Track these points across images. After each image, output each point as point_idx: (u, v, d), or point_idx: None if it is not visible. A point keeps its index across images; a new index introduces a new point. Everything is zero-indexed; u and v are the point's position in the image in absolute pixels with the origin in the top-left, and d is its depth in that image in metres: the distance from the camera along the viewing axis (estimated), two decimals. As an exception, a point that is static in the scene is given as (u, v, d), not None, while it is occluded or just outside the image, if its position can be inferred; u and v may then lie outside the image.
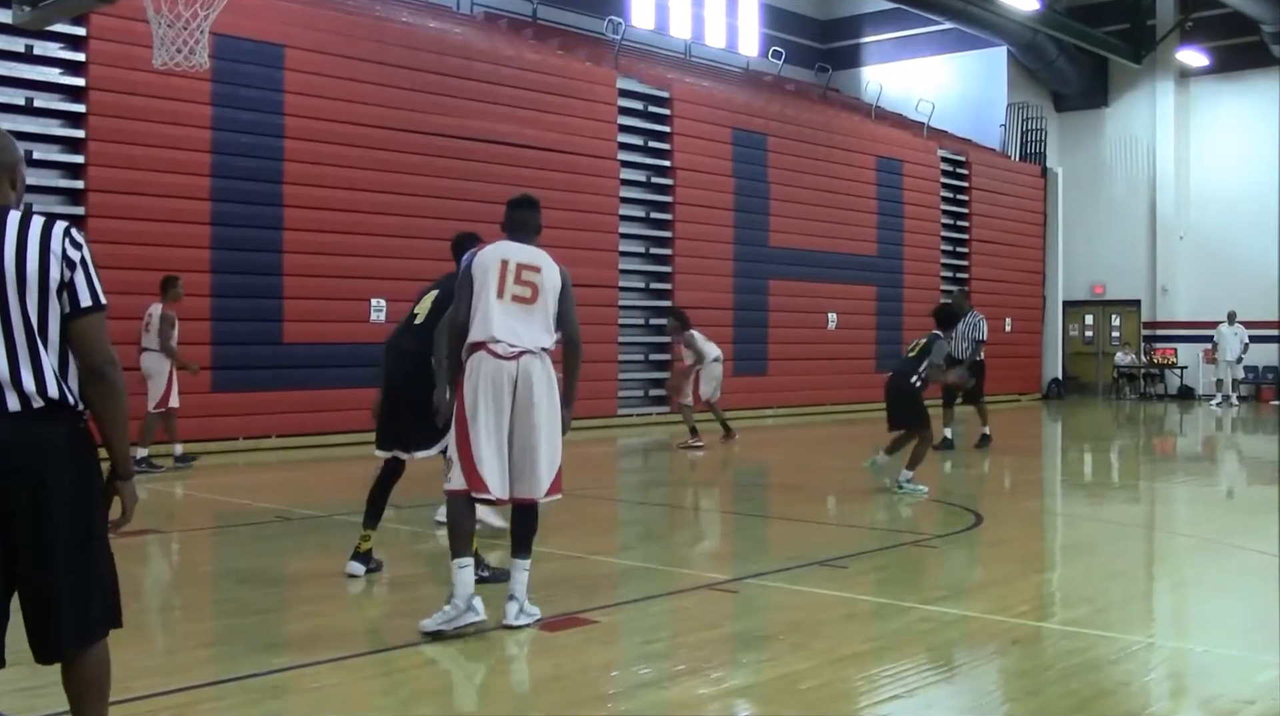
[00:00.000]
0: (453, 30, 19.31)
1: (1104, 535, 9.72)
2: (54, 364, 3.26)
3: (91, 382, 3.32)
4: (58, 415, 3.25)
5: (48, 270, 3.26)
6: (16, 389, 3.19)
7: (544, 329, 5.83)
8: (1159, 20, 28.11)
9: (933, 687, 5.20)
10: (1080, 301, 30.42)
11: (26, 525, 3.22)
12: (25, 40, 13.37)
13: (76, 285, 3.31)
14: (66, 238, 3.34)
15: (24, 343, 3.22)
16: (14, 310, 3.23)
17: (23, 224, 3.32)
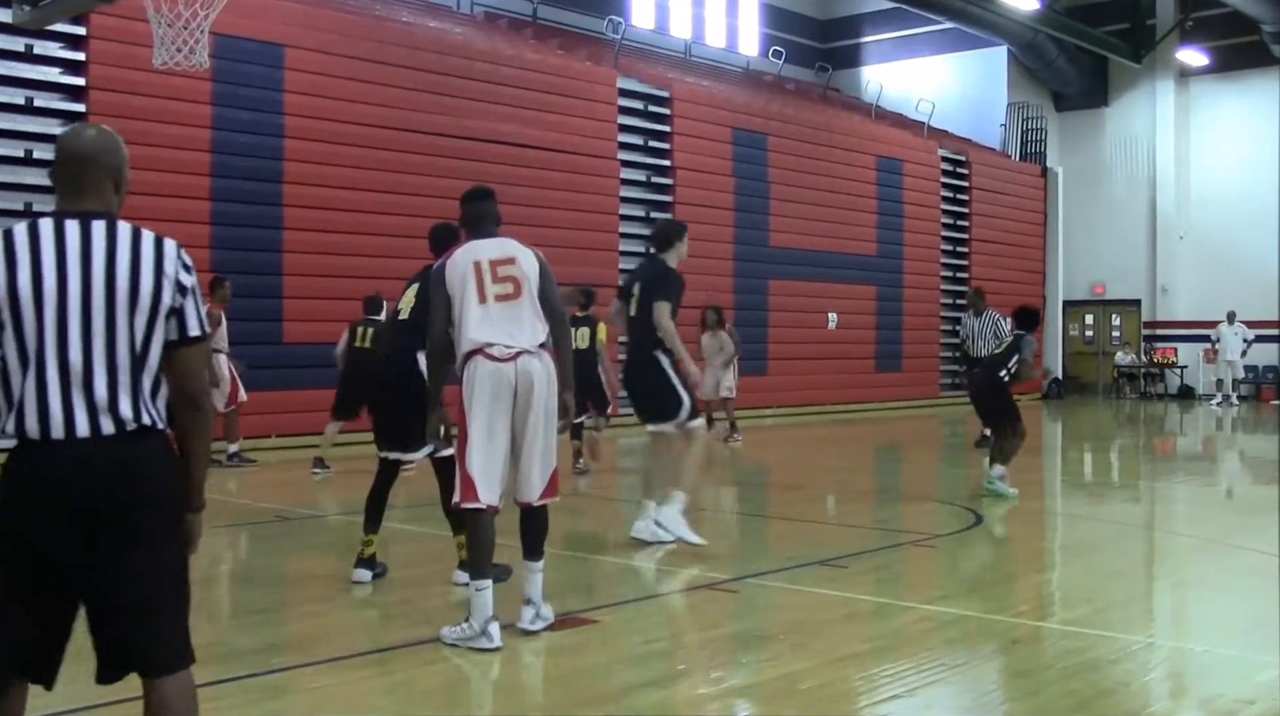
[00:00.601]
0: (453, 30, 19.31)
1: (1104, 535, 9.72)
2: (149, 388, 3.11)
3: (186, 410, 3.20)
4: (150, 437, 3.09)
5: (160, 293, 3.09)
6: (113, 413, 3.02)
7: (534, 322, 5.64)
8: (1159, 20, 28.11)
9: (932, 687, 5.20)
10: (1080, 301, 30.42)
11: (120, 544, 3.02)
12: (25, 39, 13.36)
13: (186, 313, 3.16)
14: (180, 260, 3.16)
15: (126, 366, 3.05)
16: (121, 331, 3.05)
17: (135, 239, 3.11)
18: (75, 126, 3.22)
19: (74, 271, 3.01)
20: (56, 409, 2.97)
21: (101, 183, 3.16)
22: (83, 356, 2.99)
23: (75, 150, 3.16)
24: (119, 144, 3.23)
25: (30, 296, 2.98)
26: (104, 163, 3.17)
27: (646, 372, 8.05)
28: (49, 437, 2.97)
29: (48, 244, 3.03)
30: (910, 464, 15.56)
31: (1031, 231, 29.24)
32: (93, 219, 3.09)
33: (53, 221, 3.07)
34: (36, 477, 2.97)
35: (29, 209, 13.56)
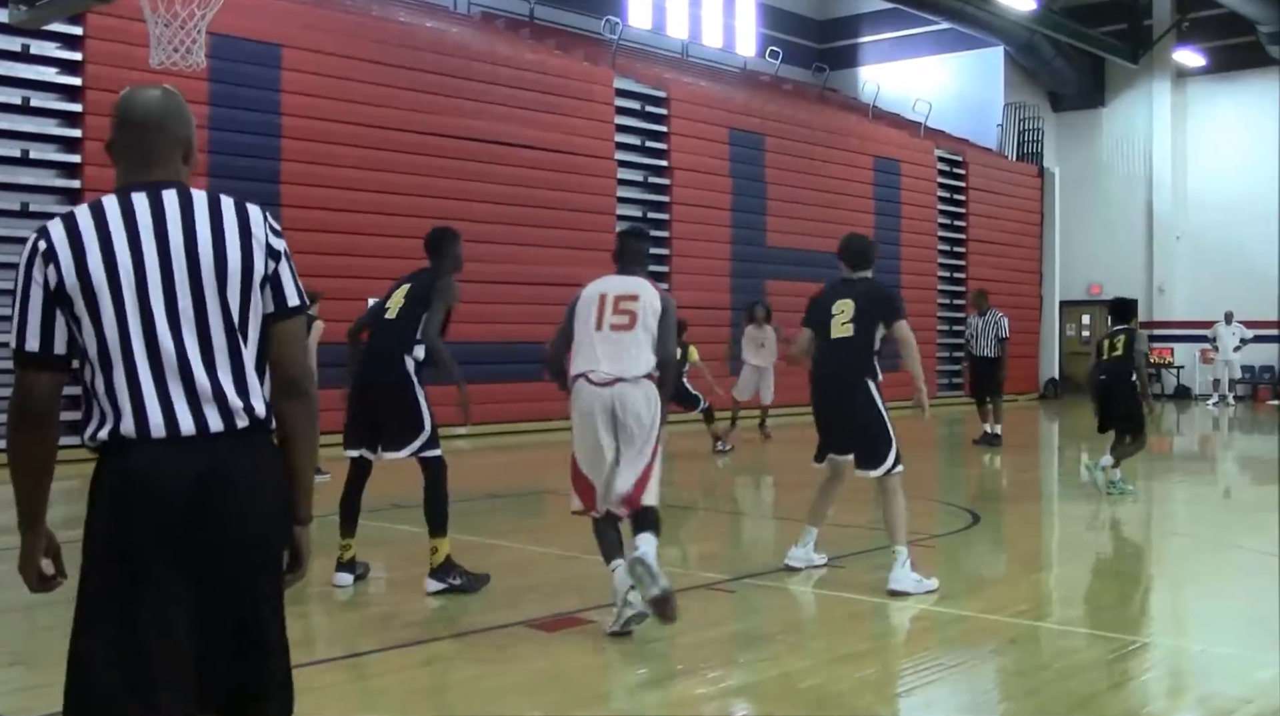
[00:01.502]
0: (450, 30, 19.31)
1: (1101, 534, 9.73)
2: (253, 371, 2.68)
3: (288, 398, 2.73)
4: (260, 437, 2.67)
5: (251, 260, 2.68)
6: (219, 403, 2.59)
7: (641, 354, 5.93)
8: (1156, 20, 28.15)
9: (930, 687, 5.21)
10: (1077, 301, 30.43)
11: (224, 569, 2.60)
12: (22, 39, 13.36)
13: (282, 279, 2.74)
14: (266, 223, 2.76)
15: (224, 347, 2.63)
16: (212, 307, 2.63)
17: (213, 204, 2.71)
18: (135, 87, 2.81)
19: (149, 247, 2.62)
20: (153, 404, 2.56)
21: (170, 152, 2.76)
22: (174, 341, 2.59)
23: (139, 115, 2.75)
24: (185, 107, 2.84)
25: (104, 281, 2.59)
26: (172, 130, 2.77)
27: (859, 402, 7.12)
28: (148, 438, 2.56)
29: (115, 221, 2.63)
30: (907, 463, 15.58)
31: (1028, 231, 29.25)
32: (162, 188, 2.70)
33: (117, 196, 2.68)
34: (136, 484, 2.56)
35: (25, 209, 13.56)
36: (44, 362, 2.61)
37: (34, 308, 2.61)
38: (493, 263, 17.20)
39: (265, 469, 2.66)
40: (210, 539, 2.56)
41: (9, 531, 7.48)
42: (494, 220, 17.37)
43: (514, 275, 17.37)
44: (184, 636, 2.56)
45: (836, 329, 7.07)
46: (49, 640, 5.93)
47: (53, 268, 2.60)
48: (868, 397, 7.00)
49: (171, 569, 2.54)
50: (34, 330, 2.60)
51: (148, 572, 2.54)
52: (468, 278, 18.84)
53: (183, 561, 2.55)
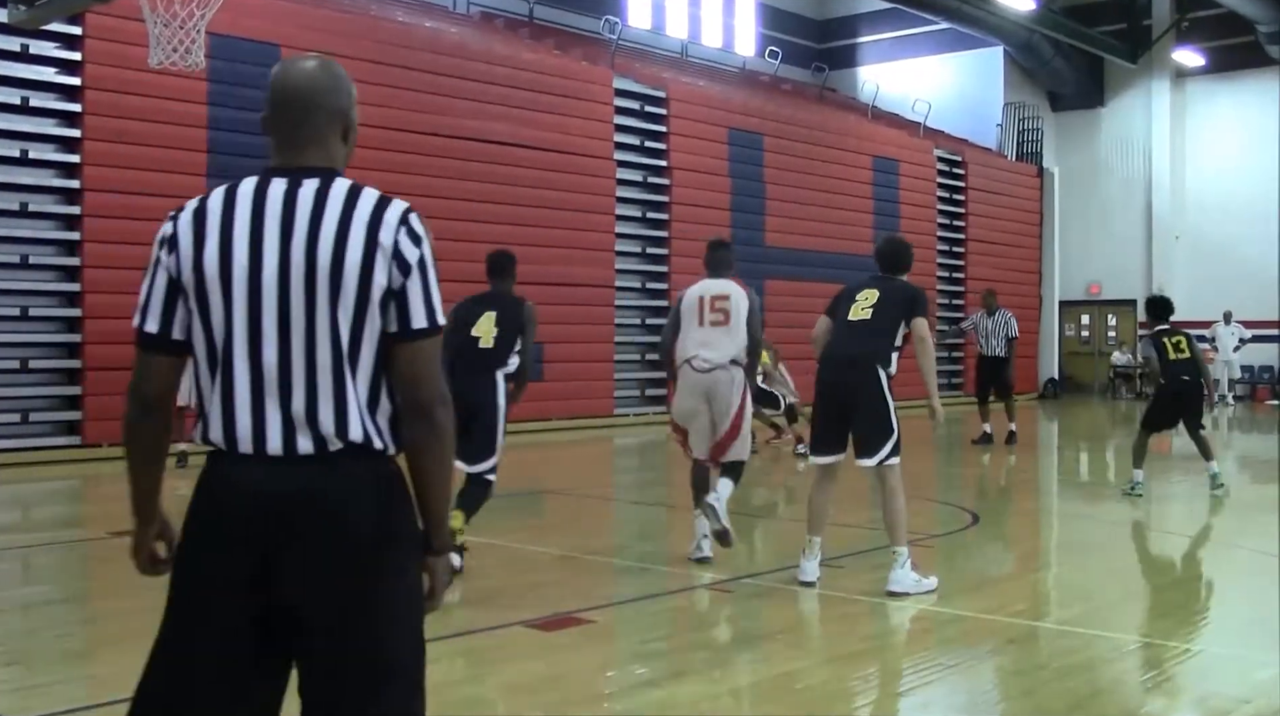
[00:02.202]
0: (449, 30, 19.30)
1: (1100, 534, 9.73)
2: (362, 396, 2.42)
3: (415, 424, 2.45)
4: (360, 458, 2.41)
5: (371, 270, 2.38)
6: (311, 425, 2.37)
7: (733, 343, 7.50)
8: (1155, 20, 28.16)
9: (929, 687, 5.21)
10: (1076, 301, 30.44)
11: (321, 596, 2.36)
12: (21, 39, 13.35)
13: (409, 296, 2.42)
14: (403, 226, 2.43)
15: (329, 366, 2.38)
16: (322, 320, 2.38)
17: (349, 200, 2.43)
18: (290, 59, 2.60)
19: (271, 245, 2.40)
20: (245, 418, 2.39)
21: (325, 131, 2.53)
22: (278, 354, 2.38)
23: (292, 91, 2.55)
24: (345, 79, 2.58)
25: (217, 277, 2.40)
26: (329, 105, 2.53)
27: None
28: (236, 452, 2.40)
29: (244, 209, 2.43)
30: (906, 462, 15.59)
31: (1028, 231, 29.26)
32: (305, 177, 2.47)
33: (256, 180, 2.49)
34: (218, 499, 2.41)
35: (24, 209, 13.56)
36: (162, 346, 2.48)
37: (157, 290, 2.48)
38: (492, 262, 17.20)
39: (362, 492, 2.39)
40: (295, 561, 2.35)
41: (4, 531, 7.50)
42: (493, 220, 17.35)
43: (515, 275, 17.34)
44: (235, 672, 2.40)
45: (856, 313, 7.00)
46: (46, 640, 5.94)
47: (174, 257, 2.46)
48: (877, 382, 6.83)
49: (242, 596, 2.37)
50: (155, 312, 2.48)
51: (214, 590, 2.40)
52: (467, 278, 18.86)
53: (261, 582, 2.36)
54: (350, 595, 2.36)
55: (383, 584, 2.40)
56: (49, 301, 13.79)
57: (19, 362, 13.32)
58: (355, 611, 2.36)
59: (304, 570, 2.35)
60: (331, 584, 2.36)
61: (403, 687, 2.43)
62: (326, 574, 2.36)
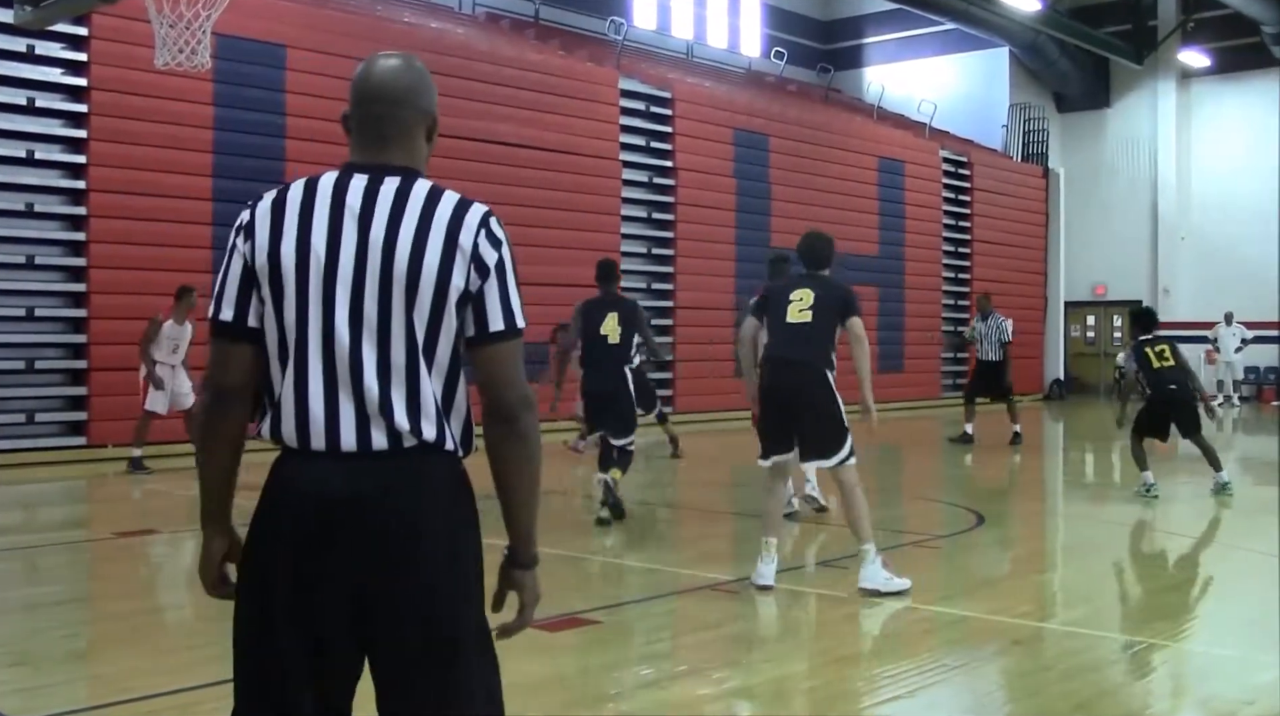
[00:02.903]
0: (454, 30, 19.32)
1: (1105, 535, 9.72)
2: (437, 394, 2.39)
3: (497, 427, 2.42)
4: (433, 457, 2.39)
5: (449, 273, 2.37)
6: (386, 421, 2.34)
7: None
8: (1160, 21, 28.12)
9: (933, 688, 5.20)
10: (1082, 302, 30.41)
11: (395, 596, 2.34)
12: (27, 40, 13.37)
13: (486, 299, 2.41)
14: (483, 229, 2.42)
15: (403, 364, 2.35)
16: (397, 321, 2.35)
17: (429, 201, 2.41)
18: (373, 56, 2.57)
19: (349, 241, 2.37)
20: (318, 413, 2.35)
21: (410, 129, 2.51)
22: (350, 349, 2.35)
23: (377, 88, 2.52)
24: (429, 78, 2.56)
25: (293, 268, 2.37)
26: (415, 104, 2.51)
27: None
28: (309, 448, 2.36)
29: (323, 202, 2.42)
30: (911, 464, 15.58)
31: (1033, 232, 29.24)
32: (387, 174, 2.45)
33: (337, 175, 2.48)
34: (291, 496, 2.37)
35: (30, 209, 13.58)
36: (238, 333, 2.42)
37: (233, 277, 2.43)
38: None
39: (438, 489, 2.38)
40: (365, 554, 2.32)
41: (6, 532, 7.52)
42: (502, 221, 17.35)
43: (520, 276, 17.34)
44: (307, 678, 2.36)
45: (794, 315, 7.00)
46: (52, 641, 5.95)
47: (250, 244, 2.41)
48: (825, 384, 6.89)
49: (320, 597, 2.33)
50: (230, 299, 2.42)
51: (297, 598, 2.34)
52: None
53: (335, 586, 2.33)
54: (420, 587, 2.34)
55: (450, 576, 2.38)
56: (54, 302, 13.81)
57: (25, 363, 13.34)
58: (424, 601, 2.34)
59: (378, 563, 2.32)
60: (404, 576, 2.33)
61: (472, 666, 2.41)
62: (399, 567, 2.32)
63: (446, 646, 2.36)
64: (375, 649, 2.37)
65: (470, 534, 2.44)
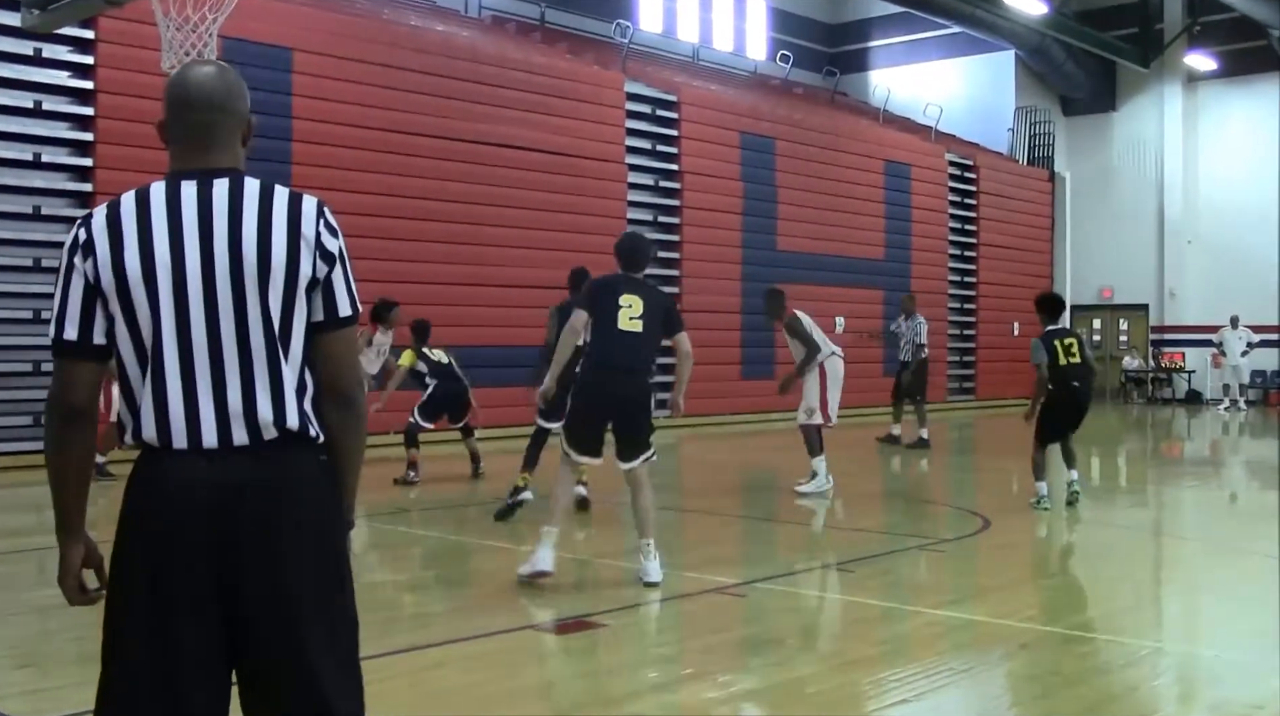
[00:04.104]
0: (460, 33, 19.33)
1: (1112, 539, 9.70)
2: (293, 383, 2.48)
3: (336, 409, 2.55)
4: (297, 446, 2.49)
5: (296, 261, 2.46)
6: (247, 416, 2.43)
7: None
8: (1167, 24, 28.09)
9: (940, 692, 5.19)
10: (1088, 305, 30.37)
11: (263, 583, 2.42)
12: (34, 43, 13.40)
13: (334, 285, 2.53)
14: (321, 219, 2.55)
15: (263, 357, 2.44)
16: (253, 313, 2.44)
17: (264, 197, 2.50)
18: (187, 65, 2.64)
19: (191, 243, 2.44)
20: (178, 412, 2.42)
21: (229, 134, 2.59)
22: (209, 347, 2.43)
23: (195, 95, 2.59)
24: (242, 83, 2.64)
25: (140, 277, 2.43)
26: (231, 109, 2.59)
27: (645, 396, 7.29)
28: (170, 447, 2.43)
29: (159, 212, 2.47)
30: (919, 468, 15.57)
31: (1039, 236, 29.21)
32: (214, 178, 2.52)
33: (165, 184, 2.53)
34: (156, 495, 2.43)
35: (37, 213, 13.60)
36: (83, 352, 2.47)
37: (73, 296, 2.47)
38: (503, 266, 17.21)
39: (299, 481, 2.47)
40: (231, 549, 2.40)
41: (15, 534, 7.52)
42: (504, 224, 17.37)
43: (524, 279, 17.37)
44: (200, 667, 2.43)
45: (625, 322, 7.00)
46: (60, 643, 5.96)
47: (90, 261, 2.45)
48: (649, 393, 7.23)
49: (194, 588, 2.40)
50: (73, 318, 2.47)
51: (167, 591, 2.41)
52: (480, 281, 18.83)
53: (208, 577, 2.40)
54: (285, 581, 2.42)
55: (326, 566, 2.50)
56: (61, 304, 13.83)
57: (31, 366, 13.36)
58: (287, 598, 2.43)
59: (250, 557, 2.40)
60: (268, 572, 2.41)
61: (340, 663, 2.51)
62: (264, 563, 2.41)
63: (298, 610, 2.44)
64: (238, 622, 2.42)
65: (336, 518, 2.56)
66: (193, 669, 2.42)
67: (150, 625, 2.41)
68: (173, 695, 2.41)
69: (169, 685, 2.41)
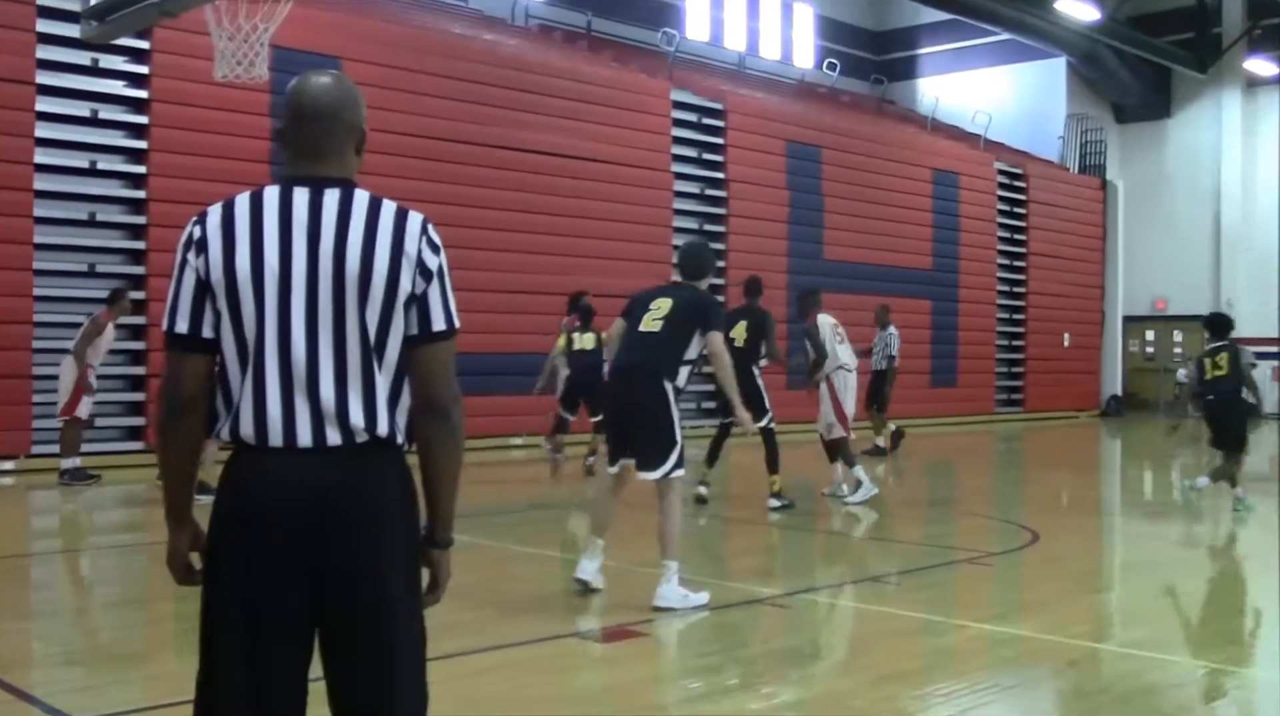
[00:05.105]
0: (507, 42, 19.42)
1: (1164, 555, 9.56)
2: (387, 392, 2.57)
3: (431, 422, 2.60)
4: (385, 452, 2.57)
5: (397, 277, 2.54)
6: (340, 421, 2.51)
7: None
8: (1225, 28, 27.68)
9: (985, 708, 5.13)
10: (1141, 316, 30.00)
11: (344, 578, 2.51)
12: (91, 54, 13.60)
13: (430, 301, 2.59)
14: (424, 236, 2.60)
15: (358, 365, 2.53)
16: (351, 323, 2.52)
17: (372, 211, 2.58)
18: (307, 75, 2.70)
19: (299, 251, 2.53)
20: (275, 413, 2.51)
21: (342, 143, 2.65)
22: (307, 352, 2.51)
23: (313, 105, 2.64)
24: (359, 95, 2.71)
25: (249, 278, 2.52)
26: (346, 119, 2.65)
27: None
28: (266, 445, 2.52)
29: (271, 216, 2.55)
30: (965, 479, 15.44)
31: (1091, 245, 28.92)
32: (326, 187, 2.59)
33: (279, 189, 2.60)
34: (251, 491, 2.53)
35: (93, 219, 13.80)
36: (193, 345, 2.56)
37: (185, 291, 2.56)
38: (550, 274, 17.25)
39: (387, 483, 2.57)
40: (318, 545, 2.49)
41: (66, 534, 7.59)
42: (551, 232, 17.43)
43: (572, 287, 17.38)
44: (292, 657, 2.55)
45: (647, 323, 6.91)
46: (106, 642, 6.02)
47: (203, 259, 2.55)
48: (660, 393, 6.74)
49: (284, 581, 2.50)
50: (184, 312, 2.56)
51: (260, 584, 2.50)
52: (525, 289, 18.87)
53: (296, 572, 2.50)
54: (373, 581, 2.53)
55: (401, 571, 2.59)
56: (114, 309, 14.01)
57: (84, 370, 13.53)
58: (376, 598, 2.54)
59: (334, 557, 2.50)
60: (357, 571, 2.52)
61: (412, 664, 2.65)
62: (354, 561, 2.51)
63: (383, 613, 2.55)
64: (324, 617, 2.53)
65: (413, 522, 2.64)
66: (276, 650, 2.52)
67: (244, 615, 2.51)
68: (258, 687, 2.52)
69: (255, 675, 2.51)
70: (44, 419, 13.20)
